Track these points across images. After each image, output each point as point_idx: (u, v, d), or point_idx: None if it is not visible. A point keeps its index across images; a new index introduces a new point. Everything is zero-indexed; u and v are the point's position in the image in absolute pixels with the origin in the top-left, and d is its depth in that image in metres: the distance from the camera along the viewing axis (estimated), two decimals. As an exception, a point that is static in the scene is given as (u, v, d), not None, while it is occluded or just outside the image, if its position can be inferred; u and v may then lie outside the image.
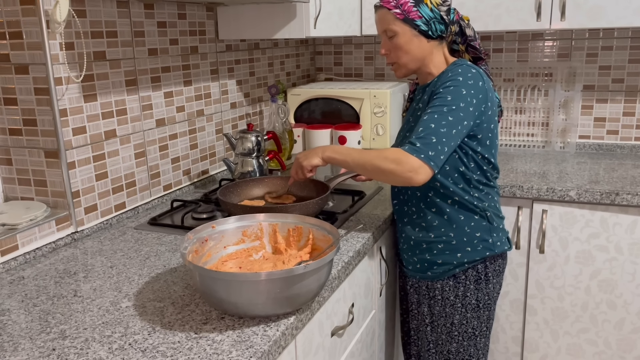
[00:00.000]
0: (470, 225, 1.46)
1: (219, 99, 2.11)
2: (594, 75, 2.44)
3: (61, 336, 1.02)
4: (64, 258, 1.38)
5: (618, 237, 1.94)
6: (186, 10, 1.89)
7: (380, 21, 1.44)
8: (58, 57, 1.40)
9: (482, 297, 1.52)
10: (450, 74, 1.38)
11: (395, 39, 1.42)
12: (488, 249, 1.49)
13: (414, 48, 1.42)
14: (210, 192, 1.87)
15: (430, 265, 1.51)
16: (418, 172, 1.28)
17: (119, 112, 1.63)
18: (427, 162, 1.28)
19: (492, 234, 1.49)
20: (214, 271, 1.02)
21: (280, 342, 1.02)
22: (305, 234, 1.25)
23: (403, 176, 1.29)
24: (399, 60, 1.45)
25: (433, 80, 1.46)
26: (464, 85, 1.34)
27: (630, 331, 2.01)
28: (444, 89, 1.35)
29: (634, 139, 2.43)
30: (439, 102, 1.33)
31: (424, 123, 1.32)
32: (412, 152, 1.29)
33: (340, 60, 2.88)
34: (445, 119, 1.31)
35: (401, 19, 1.40)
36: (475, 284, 1.50)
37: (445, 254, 1.48)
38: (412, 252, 1.55)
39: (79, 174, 1.50)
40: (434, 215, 1.47)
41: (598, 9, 2.05)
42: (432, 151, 1.29)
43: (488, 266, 1.50)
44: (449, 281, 1.50)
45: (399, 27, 1.40)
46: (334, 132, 2.41)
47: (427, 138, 1.29)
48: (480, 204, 1.46)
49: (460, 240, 1.47)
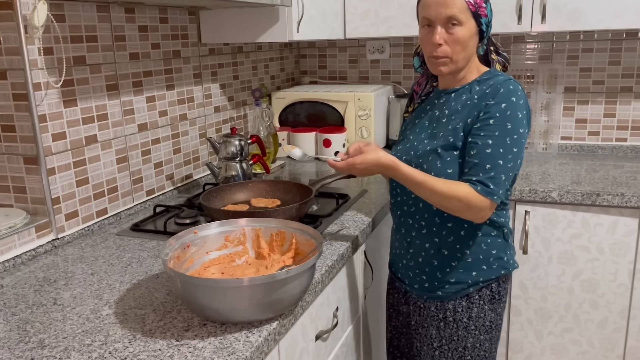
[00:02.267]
0: (487, 242, 1.37)
1: (202, 103, 2.10)
2: (575, 77, 2.47)
3: (40, 345, 1.00)
4: (44, 266, 1.37)
5: (599, 238, 1.96)
6: (168, 14, 1.88)
7: (449, 4, 1.25)
8: (37, 62, 1.39)
9: (495, 317, 1.42)
10: (502, 89, 1.26)
11: (457, 30, 1.26)
12: (503, 267, 1.40)
13: (471, 46, 1.30)
14: (194, 196, 1.86)
15: (442, 284, 1.39)
16: (487, 213, 1.26)
17: (100, 117, 1.61)
18: (497, 202, 1.25)
19: (507, 252, 1.41)
20: (195, 277, 1.01)
21: (263, 348, 1.02)
22: (289, 238, 1.25)
23: (473, 218, 1.26)
24: (456, 55, 1.29)
25: (463, 87, 1.34)
26: (519, 107, 1.25)
27: (613, 330, 2.03)
28: (501, 112, 1.24)
29: (615, 140, 2.46)
30: (500, 132, 1.24)
31: (491, 158, 1.23)
32: (486, 195, 1.22)
33: (324, 64, 2.88)
34: (510, 151, 1.24)
35: (472, 10, 1.26)
36: (489, 303, 1.40)
37: (459, 272, 1.37)
38: (420, 270, 1.42)
39: (59, 180, 1.48)
40: (450, 231, 1.36)
41: (578, 12, 2.07)
42: (502, 190, 1.24)
43: (501, 284, 1.41)
44: (462, 301, 1.39)
45: (467, 19, 1.26)
46: (319, 135, 2.41)
47: (497, 178, 1.23)
48: (499, 220, 1.37)
49: (477, 257, 1.37)
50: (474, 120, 1.28)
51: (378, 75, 2.79)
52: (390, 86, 2.69)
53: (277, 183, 1.73)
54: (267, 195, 1.71)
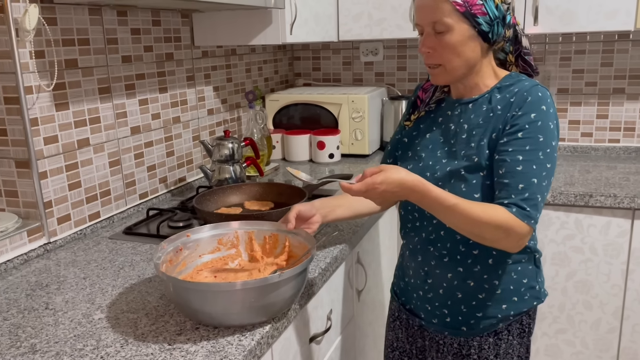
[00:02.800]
0: (517, 271, 1.21)
1: (195, 106, 2.09)
2: (567, 78, 2.48)
3: (31, 350, 1.00)
4: (36, 270, 1.36)
5: (592, 239, 1.97)
6: (161, 17, 1.88)
7: (430, 9, 1.12)
8: (28, 65, 1.38)
9: (523, 352, 1.26)
10: (530, 97, 1.11)
11: (446, 36, 1.11)
12: (535, 298, 1.24)
13: (468, 51, 1.13)
14: (187, 199, 1.85)
15: (467, 319, 1.23)
16: (525, 240, 1.08)
17: (92, 121, 1.61)
18: (534, 226, 1.08)
19: (538, 279, 1.25)
20: (188, 281, 1.01)
21: (256, 351, 1.02)
22: (282, 241, 1.24)
23: (508, 246, 1.09)
24: (449, 63, 1.14)
25: (482, 95, 1.18)
26: (549, 116, 1.11)
27: (607, 331, 2.03)
28: (531, 124, 1.09)
29: (608, 141, 2.48)
30: (531, 146, 1.08)
31: (523, 177, 1.07)
32: (524, 219, 1.06)
33: (318, 66, 2.88)
34: (544, 168, 1.08)
35: (461, 11, 1.10)
36: (518, 338, 1.24)
37: (487, 305, 1.21)
38: (440, 303, 1.25)
39: (51, 184, 1.47)
40: (476, 259, 1.19)
41: (570, 13, 2.08)
42: (539, 212, 1.08)
43: (531, 316, 1.26)
44: (489, 338, 1.23)
45: (455, 22, 1.10)
46: (313, 138, 2.41)
47: (533, 199, 1.07)
48: (530, 244, 1.21)
49: (507, 288, 1.20)
50: (499, 134, 1.13)
51: (372, 78, 2.79)
52: (384, 88, 2.69)
53: (271, 186, 1.72)
54: (261, 198, 1.71)
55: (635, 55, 2.36)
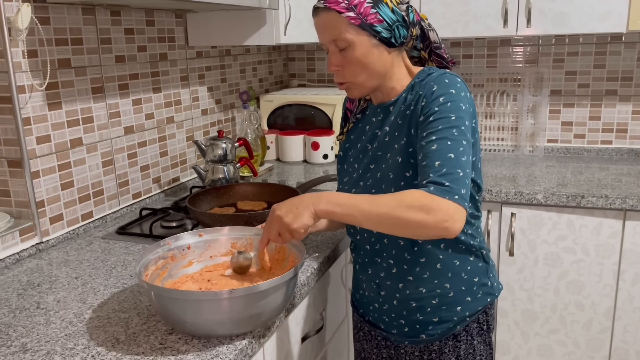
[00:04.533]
0: (467, 270, 1.20)
1: (189, 106, 2.09)
2: (560, 80, 2.49)
3: (22, 349, 1.00)
4: (28, 269, 1.36)
5: (584, 239, 1.98)
6: (154, 17, 1.88)
7: (327, 28, 1.11)
8: (21, 64, 1.38)
9: (484, 349, 1.25)
10: (436, 86, 1.09)
11: (349, 52, 1.11)
12: (489, 294, 1.23)
13: (374, 61, 1.12)
14: (181, 199, 1.85)
15: (424, 326, 1.22)
16: (455, 218, 0.98)
17: (85, 120, 1.60)
18: (461, 204, 0.99)
19: (489, 275, 1.24)
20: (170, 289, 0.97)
21: (247, 350, 1.02)
22: (288, 254, 1.19)
23: (437, 227, 0.98)
24: (355, 78, 1.14)
25: (399, 96, 1.17)
26: (459, 98, 1.08)
27: (598, 331, 2.04)
28: (440, 106, 1.07)
29: (600, 143, 2.49)
30: (443, 125, 1.05)
31: (439, 154, 1.03)
32: (443, 194, 0.98)
33: (313, 67, 2.88)
34: (460, 144, 1.04)
35: (357, 24, 1.08)
36: (478, 336, 1.24)
37: (442, 310, 1.20)
38: (396, 314, 1.24)
39: (43, 184, 1.47)
40: (424, 266, 1.17)
41: (563, 15, 2.09)
42: (463, 188, 1.01)
43: (488, 313, 1.25)
44: (448, 341, 1.22)
45: (354, 36, 1.09)
46: (307, 138, 2.41)
47: (452, 174, 1.01)
48: (474, 242, 1.20)
49: (458, 290, 1.19)
50: (416, 129, 1.11)
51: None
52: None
53: (264, 186, 1.73)
54: (254, 198, 1.71)
55: (628, 57, 2.38)
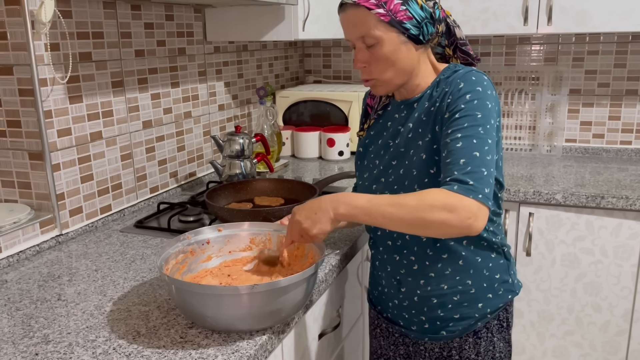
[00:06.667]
0: (488, 267, 1.19)
1: (206, 101, 2.10)
2: (580, 79, 2.46)
3: (44, 341, 1.00)
4: (48, 261, 1.37)
5: (603, 240, 1.96)
6: (174, 12, 1.88)
7: (355, 25, 1.10)
8: (43, 58, 1.39)
9: (504, 347, 1.26)
10: (463, 83, 1.09)
11: (377, 49, 1.10)
12: (510, 291, 1.23)
13: (402, 58, 1.11)
14: (198, 194, 1.86)
15: (445, 322, 1.22)
16: (478, 216, 0.98)
17: (105, 114, 1.61)
18: (485, 203, 0.99)
19: (510, 272, 1.24)
20: (192, 284, 0.98)
21: (267, 346, 1.02)
22: (307, 251, 1.19)
23: (461, 226, 0.97)
24: (382, 75, 1.13)
25: (424, 93, 1.16)
26: (486, 96, 1.07)
27: (615, 334, 2.02)
28: (467, 103, 1.06)
29: (620, 143, 2.46)
30: (469, 123, 1.04)
31: (464, 152, 1.02)
32: (467, 193, 0.98)
33: (329, 63, 2.88)
34: (485, 142, 1.03)
35: (386, 21, 1.08)
36: (498, 334, 1.24)
37: (464, 306, 1.20)
38: (417, 310, 1.23)
39: (63, 176, 1.48)
40: (446, 262, 1.17)
41: (584, 14, 2.07)
42: (487, 187, 1.00)
43: (508, 310, 1.25)
44: (469, 338, 1.22)
45: (383, 33, 1.08)
46: (323, 135, 2.41)
47: (477, 172, 1.00)
48: (496, 239, 1.19)
49: (480, 287, 1.19)
50: (441, 126, 1.10)
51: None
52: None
53: (281, 182, 1.72)
54: (271, 194, 1.71)
55: (649, 57, 2.35)
